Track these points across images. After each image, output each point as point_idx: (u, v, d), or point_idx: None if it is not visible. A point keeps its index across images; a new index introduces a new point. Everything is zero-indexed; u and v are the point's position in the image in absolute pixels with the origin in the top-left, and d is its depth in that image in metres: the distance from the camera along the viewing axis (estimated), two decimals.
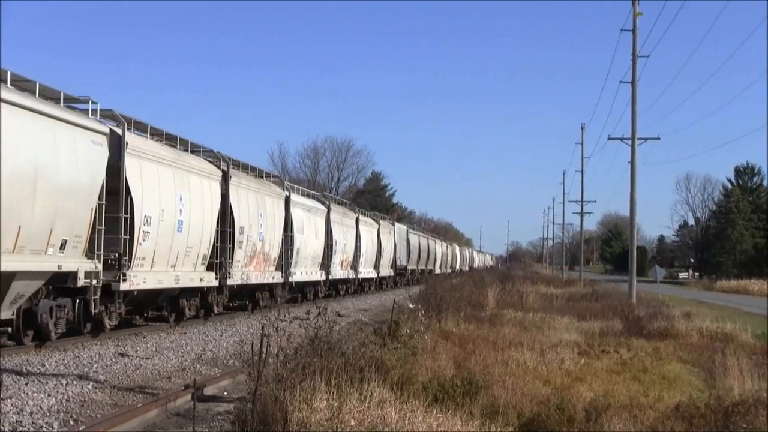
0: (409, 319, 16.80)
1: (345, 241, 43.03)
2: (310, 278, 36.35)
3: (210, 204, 24.22)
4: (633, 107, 38.23)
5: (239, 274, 26.63)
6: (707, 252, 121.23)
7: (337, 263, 41.20)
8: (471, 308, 27.47)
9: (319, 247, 37.66)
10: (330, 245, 39.39)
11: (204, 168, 24.45)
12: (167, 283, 21.64)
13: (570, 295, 43.31)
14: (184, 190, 22.34)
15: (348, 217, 45.10)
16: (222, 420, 11.39)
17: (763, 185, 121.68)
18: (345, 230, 43.14)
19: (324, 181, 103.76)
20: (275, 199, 31.19)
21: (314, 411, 9.11)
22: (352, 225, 45.33)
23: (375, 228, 52.36)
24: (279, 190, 32.50)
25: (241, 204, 26.88)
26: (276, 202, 31.17)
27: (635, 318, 27.34)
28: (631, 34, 38.39)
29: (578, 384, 14.63)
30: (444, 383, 11.75)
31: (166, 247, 21.33)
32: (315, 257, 36.87)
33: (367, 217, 52.32)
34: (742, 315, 34.40)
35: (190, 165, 23.20)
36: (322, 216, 38.63)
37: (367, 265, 49.32)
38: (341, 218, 42.84)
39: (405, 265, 64.07)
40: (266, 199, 29.80)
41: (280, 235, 31.29)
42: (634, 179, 38.33)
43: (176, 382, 14.58)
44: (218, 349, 19.59)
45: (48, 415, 11.44)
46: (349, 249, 44.35)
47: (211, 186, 24.53)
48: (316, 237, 36.97)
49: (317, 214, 37.68)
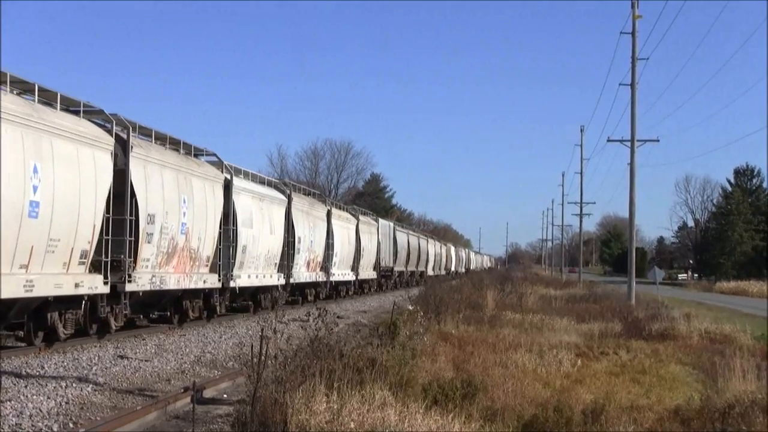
0: (408, 320, 16.80)
1: (312, 238, 36.55)
2: (262, 282, 29.75)
3: (93, 182, 17.98)
4: (632, 109, 38.27)
5: (148, 277, 20.34)
6: (706, 253, 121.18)
7: (302, 264, 34.97)
8: (470, 310, 27.47)
9: (276, 244, 31.00)
10: (291, 243, 32.85)
11: (83, 132, 17.87)
12: None
13: (569, 297, 43.31)
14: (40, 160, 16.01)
15: (316, 209, 38.28)
16: (221, 422, 11.38)
17: (762, 187, 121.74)
18: (312, 225, 36.67)
19: (323, 182, 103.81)
20: (208, 182, 24.61)
21: (314, 413, 9.11)
22: (322, 219, 38.83)
23: (352, 224, 46.10)
24: (214, 172, 25.66)
25: (151, 185, 20.47)
26: (209, 186, 24.61)
27: (634, 319, 27.34)
28: (631, 37, 38.44)
29: (577, 386, 14.64)
30: (443, 385, 11.76)
31: None
32: (270, 257, 30.32)
33: (343, 210, 46.37)
34: (742, 316, 34.43)
35: (56, 125, 16.81)
36: (281, 207, 31.91)
37: (343, 266, 43.35)
38: (307, 211, 36.37)
39: (391, 267, 58.23)
40: (193, 181, 23.25)
41: (215, 228, 24.96)
42: (633, 181, 38.35)
43: (175, 385, 14.58)
44: (217, 351, 19.59)
45: (47, 417, 11.45)
46: (319, 247, 37.87)
47: (96, 157, 18.15)
48: (272, 232, 30.41)
49: (273, 204, 30.95)
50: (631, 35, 38.45)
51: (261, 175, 31.94)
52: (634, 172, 38.25)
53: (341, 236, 42.47)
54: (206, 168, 25.29)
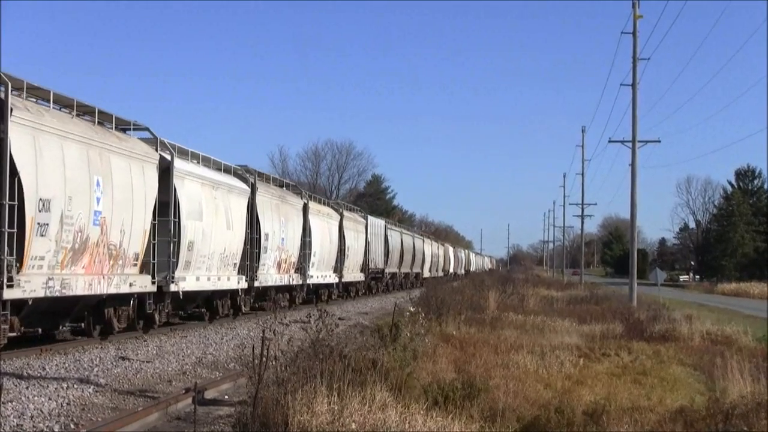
0: (409, 322, 16.80)
1: (284, 235, 31.83)
2: (216, 285, 25.27)
3: None
4: (633, 110, 38.26)
5: (40, 281, 16.01)
6: (708, 255, 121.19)
7: (271, 265, 30.39)
8: (472, 311, 27.48)
9: (236, 241, 26.61)
10: (257, 240, 28.47)
11: None
12: None
13: (570, 298, 43.32)
14: None
15: (289, 203, 33.21)
16: (223, 423, 11.39)
17: (763, 188, 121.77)
18: (284, 220, 31.91)
19: (324, 184, 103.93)
20: (136, 161, 20.09)
21: (315, 414, 9.12)
22: (296, 213, 33.98)
23: (335, 220, 41.31)
24: (145, 149, 20.85)
25: (45, 161, 16.11)
26: (137, 166, 20.09)
27: (636, 321, 27.34)
28: (632, 37, 38.45)
29: (579, 387, 14.62)
30: (444, 386, 11.76)
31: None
32: (228, 256, 25.96)
33: (323, 205, 41.64)
34: (743, 318, 34.40)
35: None
36: (242, 197, 27.49)
37: (323, 267, 38.67)
38: (278, 203, 31.53)
39: (382, 268, 53.75)
40: (113, 159, 18.78)
41: (147, 219, 20.50)
42: (634, 182, 38.34)
43: (177, 386, 14.58)
44: (219, 352, 19.60)
45: (49, 418, 11.45)
46: (292, 246, 32.97)
47: None
48: (230, 227, 26.00)
49: (232, 194, 26.51)
50: (632, 35, 38.48)
51: (217, 160, 26.67)
52: (636, 173, 38.27)
53: (321, 233, 37.73)
54: (134, 144, 20.43)
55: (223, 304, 26.92)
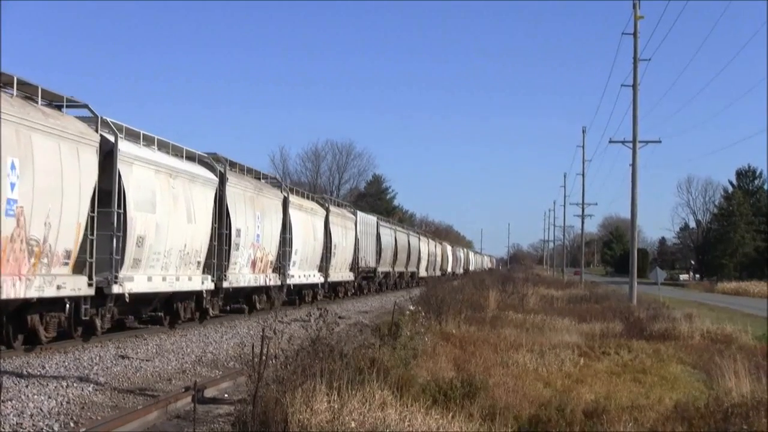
0: (409, 320, 16.81)
1: (260, 231, 28.93)
2: (174, 286, 22.11)
3: None
4: (634, 110, 38.25)
5: None
6: (708, 254, 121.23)
7: (244, 263, 27.49)
8: (472, 310, 27.48)
9: (200, 236, 23.54)
10: (227, 236, 25.60)
11: None
12: None
13: (570, 297, 43.33)
14: None
15: (266, 195, 30.10)
16: (222, 422, 11.38)
17: (764, 188, 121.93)
18: (260, 215, 28.86)
19: (325, 184, 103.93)
20: (67, 142, 17.00)
21: (315, 413, 9.12)
22: (274, 208, 31.00)
23: (320, 215, 38.18)
24: (79, 128, 17.82)
25: None
26: (69, 148, 17.01)
27: (636, 320, 27.35)
28: (633, 38, 38.43)
29: (579, 385, 14.64)
30: (443, 385, 11.76)
31: None
32: (190, 253, 22.90)
33: (307, 199, 38.06)
34: (743, 317, 34.41)
35: None
36: (207, 188, 24.32)
37: (306, 267, 35.55)
38: (253, 196, 28.50)
39: (374, 267, 50.90)
40: (34, 138, 15.80)
41: (81, 210, 17.45)
42: (635, 182, 38.35)
43: (176, 384, 14.58)
44: (218, 351, 19.60)
45: (48, 417, 11.45)
46: (270, 243, 30.06)
47: None
48: (192, 220, 22.84)
49: (195, 184, 23.39)
50: (632, 36, 38.46)
51: (178, 145, 23.32)
52: (636, 173, 38.27)
53: (304, 230, 34.75)
54: (66, 123, 17.37)
55: (185, 307, 23.74)
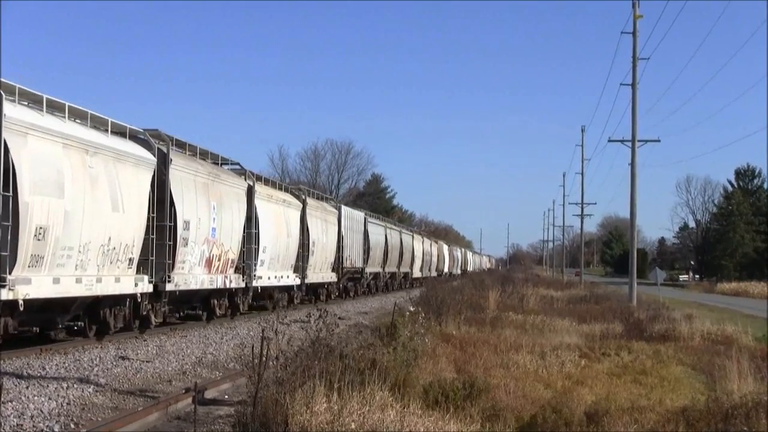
0: (409, 321, 16.79)
1: (217, 225, 24.77)
2: (95, 290, 18.21)
3: None
4: (633, 109, 38.27)
5: None
6: (708, 254, 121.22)
7: (195, 262, 23.41)
8: (471, 311, 27.47)
9: (130, 228, 19.59)
10: (171, 228, 21.55)
11: None
12: None
13: (570, 298, 43.33)
14: None
15: (225, 183, 25.96)
16: (223, 423, 11.39)
17: (763, 187, 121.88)
18: (218, 205, 24.82)
19: (324, 183, 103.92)
20: None
21: (314, 414, 9.11)
22: (237, 198, 26.81)
23: (295, 209, 33.64)
24: None
25: None
26: None
27: (636, 321, 27.34)
28: (632, 37, 38.45)
29: (579, 387, 14.63)
30: (444, 386, 11.76)
31: None
32: (117, 248, 18.98)
33: (279, 189, 33.39)
34: (743, 317, 34.39)
35: None
36: (142, 169, 20.26)
37: (278, 266, 31.16)
38: (207, 183, 24.26)
39: (361, 267, 47.12)
40: None
41: None
42: (634, 181, 38.34)
43: (177, 386, 14.58)
44: (219, 352, 19.59)
45: (49, 418, 11.45)
46: (229, 238, 25.92)
47: None
48: (118, 208, 18.90)
49: (125, 164, 19.40)
50: (632, 35, 38.48)
51: (100, 115, 19.14)
52: (635, 173, 38.26)
53: (274, 224, 30.57)
54: None
55: (116, 314, 19.90)
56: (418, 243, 70.53)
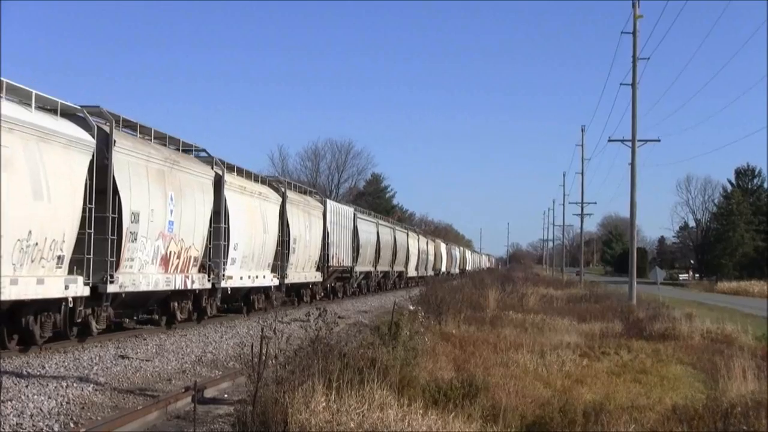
0: (409, 320, 16.80)
1: (176, 218, 21.83)
2: (11, 294, 15.12)
3: None
4: (633, 109, 38.25)
5: None
6: (708, 254, 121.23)
7: (147, 259, 20.38)
8: (471, 310, 27.48)
9: (58, 219, 16.59)
10: (114, 220, 18.53)
11: None
12: None
13: (570, 297, 43.33)
14: None
15: (185, 169, 22.70)
16: (222, 422, 11.39)
17: (763, 187, 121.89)
18: (176, 195, 21.79)
19: (324, 183, 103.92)
20: None
21: (314, 413, 9.11)
22: (201, 188, 23.82)
23: (274, 202, 30.87)
24: None
25: None
26: None
27: (635, 320, 27.35)
28: (632, 37, 38.43)
29: (578, 386, 14.64)
30: (443, 385, 11.76)
31: None
32: (39, 244, 15.90)
33: (255, 181, 29.78)
34: (743, 317, 34.39)
35: None
36: (75, 152, 17.29)
37: (252, 265, 28.20)
38: (162, 169, 21.19)
39: (350, 266, 44.29)
40: None
41: None
42: (634, 181, 38.34)
43: (176, 384, 14.58)
44: (218, 351, 19.60)
45: (48, 417, 11.45)
46: (192, 233, 22.90)
47: None
48: (43, 196, 16.01)
49: (49, 144, 16.32)
50: (632, 35, 38.47)
51: (19, 86, 16.00)
52: (635, 172, 38.25)
53: (248, 219, 27.71)
54: None
55: (44, 321, 17.01)
56: (414, 241, 67.84)
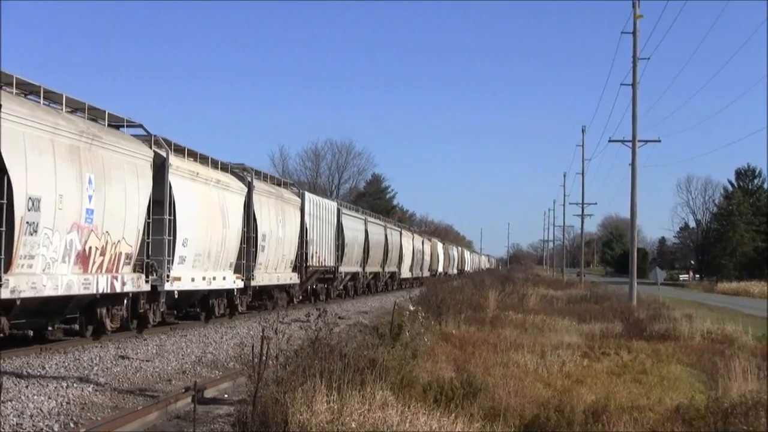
0: (409, 320, 16.80)
1: (97, 205, 17.97)
2: None
3: None
4: (633, 109, 38.28)
5: None
6: (708, 254, 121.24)
7: (55, 257, 16.61)
8: (472, 310, 27.47)
9: None
10: (4, 210, 15.20)
11: None
12: None
13: (570, 297, 43.33)
14: None
15: (110, 146, 18.78)
16: (222, 422, 11.39)
17: (763, 187, 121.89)
18: (95, 177, 17.85)
19: (324, 183, 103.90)
20: None
21: (315, 413, 9.11)
22: (134, 170, 19.78)
23: (237, 192, 27.12)
24: None
25: None
26: None
27: (636, 320, 27.35)
28: (632, 37, 38.45)
29: (579, 386, 14.64)
30: (444, 385, 11.76)
31: None
32: None
33: (212, 168, 25.78)
34: (743, 317, 34.38)
35: None
36: None
37: (209, 265, 24.46)
38: (74, 144, 17.34)
39: (333, 266, 40.59)
40: None
41: None
42: (634, 181, 38.36)
43: (176, 385, 14.58)
44: (218, 351, 19.60)
45: (48, 417, 11.45)
46: (122, 225, 19.05)
47: None
48: None
49: None
50: (632, 35, 38.49)
51: None
52: (636, 173, 38.27)
53: (202, 210, 23.92)
54: None
55: None
56: (407, 240, 64.26)
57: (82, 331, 19.49)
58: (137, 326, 21.49)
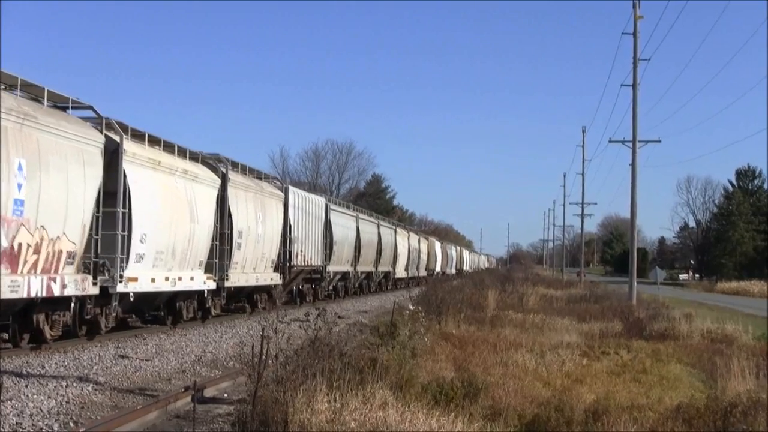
0: (408, 320, 16.80)
1: (27, 195, 15.33)
2: None
3: None
4: (634, 110, 38.26)
5: None
6: (708, 254, 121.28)
7: None
8: (471, 310, 27.47)
9: None
10: None
11: None
12: None
13: (570, 297, 43.33)
14: None
15: (48, 128, 16.15)
16: (222, 422, 11.39)
17: (763, 188, 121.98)
18: (28, 163, 15.32)
19: (325, 183, 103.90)
20: None
21: (315, 413, 9.11)
22: (80, 157, 17.23)
23: (209, 184, 24.57)
24: None
25: None
26: None
27: (635, 319, 27.35)
28: (632, 38, 38.44)
29: (578, 385, 14.63)
30: (443, 385, 11.76)
31: None
32: None
33: (177, 156, 23.09)
34: (743, 316, 34.39)
35: None
36: None
37: (174, 264, 21.95)
38: (12, 126, 14.90)
39: (320, 265, 37.93)
40: None
41: None
42: (634, 181, 38.35)
43: (176, 384, 14.58)
44: (218, 350, 19.60)
45: (48, 417, 11.45)
46: (62, 219, 16.60)
47: None
48: None
49: None
50: (632, 36, 38.47)
51: None
52: (636, 173, 38.27)
53: (165, 203, 21.50)
54: None
55: None
56: (403, 238, 61.49)
57: (15, 340, 16.91)
58: (86, 333, 19.08)
